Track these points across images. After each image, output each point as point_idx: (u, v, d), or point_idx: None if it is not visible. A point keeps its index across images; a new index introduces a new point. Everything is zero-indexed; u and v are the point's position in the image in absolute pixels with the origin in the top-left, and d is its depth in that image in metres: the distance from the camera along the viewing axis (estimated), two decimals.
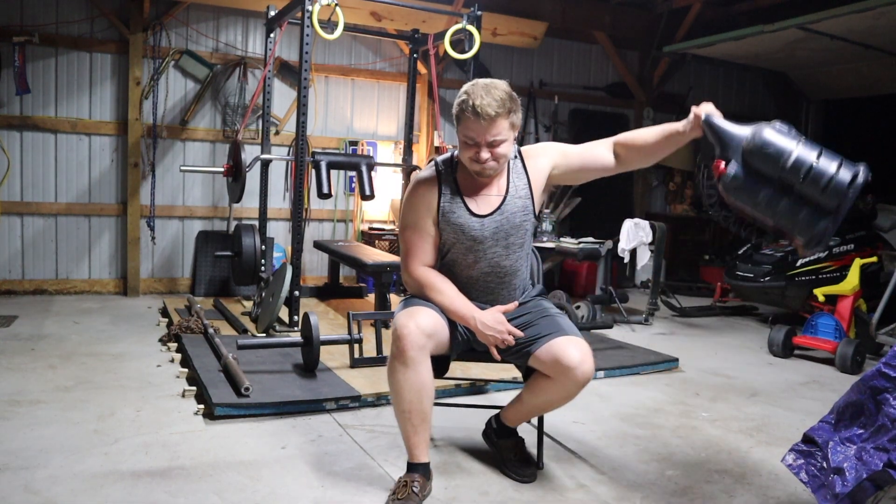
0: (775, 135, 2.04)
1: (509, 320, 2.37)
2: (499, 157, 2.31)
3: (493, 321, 2.32)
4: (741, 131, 2.10)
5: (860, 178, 1.98)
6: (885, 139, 8.02)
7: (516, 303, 2.45)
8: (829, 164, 2.00)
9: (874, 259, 5.28)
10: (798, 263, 5.42)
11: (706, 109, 2.21)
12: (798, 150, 2.01)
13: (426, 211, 2.41)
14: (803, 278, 5.38)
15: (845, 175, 1.98)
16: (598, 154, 2.46)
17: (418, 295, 2.43)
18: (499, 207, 2.40)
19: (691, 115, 2.23)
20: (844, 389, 2.16)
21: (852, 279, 4.63)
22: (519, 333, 2.33)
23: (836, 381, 4.14)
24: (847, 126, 8.59)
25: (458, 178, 2.43)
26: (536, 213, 2.48)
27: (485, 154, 2.28)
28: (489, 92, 2.24)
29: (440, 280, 2.41)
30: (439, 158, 2.49)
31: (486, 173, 2.34)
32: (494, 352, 2.35)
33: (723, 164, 2.09)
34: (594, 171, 2.49)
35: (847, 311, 4.60)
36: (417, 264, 2.43)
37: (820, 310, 4.76)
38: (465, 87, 2.30)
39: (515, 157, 2.47)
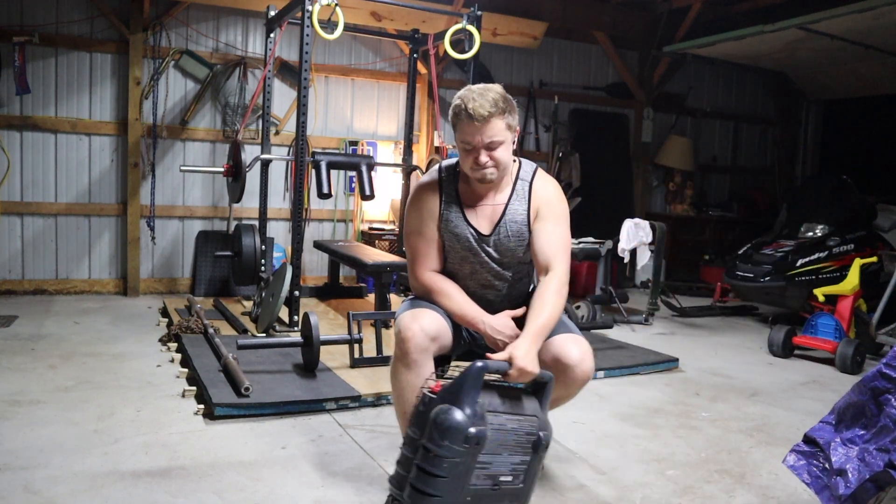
0: (450, 429, 1.86)
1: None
2: (498, 161, 2.28)
3: (502, 325, 2.31)
4: (451, 396, 1.93)
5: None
6: (885, 139, 8.03)
7: (525, 308, 2.44)
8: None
9: (874, 259, 5.28)
10: (798, 263, 5.42)
11: (513, 357, 2.07)
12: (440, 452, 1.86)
13: (429, 216, 2.41)
14: (803, 278, 5.38)
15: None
16: (537, 251, 2.36)
17: (426, 299, 2.42)
18: (495, 229, 2.38)
19: (505, 351, 2.11)
20: (844, 389, 2.16)
21: (852, 279, 4.63)
22: None
23: (836, 381, 4.14)
24: (847, 126, 8.59)
25: (459, 188, 2.42)
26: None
27: (483, 157, 2.26)
28: (482, 94, 2.24)
29: (449, 285, 2.40)
30: (444, 164, 2.47)
31: (487, 179, 2.31)
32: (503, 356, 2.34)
33: (439, 385, 1.99)
34: (529, 250, 2.41)
35: (847, 311, 4.60)
36: (425, 269, 2.42)
37: (820, 310, 4.76)
38: (460, 92, 2.30)
39: (525, 179, 2.40)
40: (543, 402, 2.11)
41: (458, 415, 1.87)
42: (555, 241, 2.35)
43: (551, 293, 2.27)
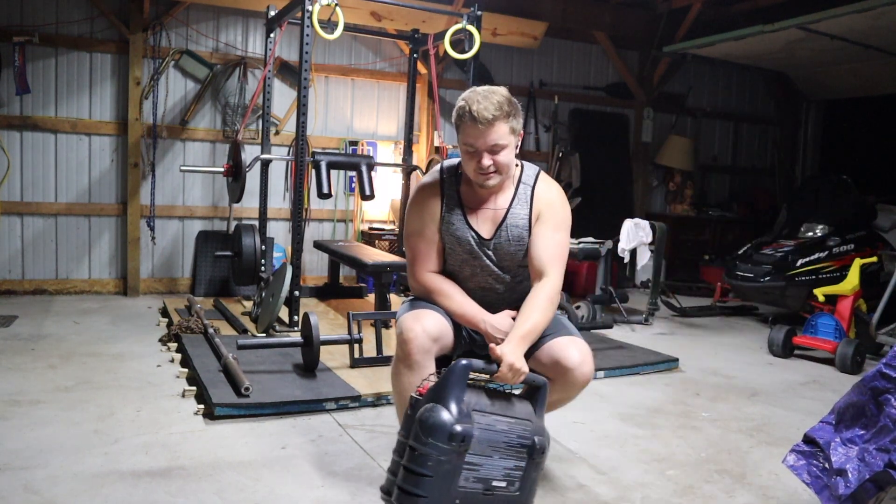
0: (434, 427, 1.85)
1: None
2: (501, 166, 2.26)
3: (502, 324, 2.31)
4: (436, 395, 1.93)
5: None
6: (885, 139, 8.03)
7: None
8: (415, 485, 1.85)
9: (874, 259, 5.28)
10: (798, 263, 5.43)
11: (501, 354, 2.08)
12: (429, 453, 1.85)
13: (430, 218, 2.40)
14: (803, 278, 5.38)
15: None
16: (533, 256, 2.34)
17: (425, 300, 2.42)
18: (496, 233, 2.37)
19: (494, 349, 2.11)
20: (844, 389, 2.16)
21: (852, 279, 4.63)
22: None
23: (836, 381, 4.14)
24: (847, 126, 8.59)
25: (461, 190, 2.40)
26: None
27: (486, 161, 2.24)
28: (487, 97, 2.21)
29: (448, 285, 2.40)
30: (445, 164, 2.46)
31: (490, 183, 2.29)
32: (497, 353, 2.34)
33: (426, 388, 1.98)
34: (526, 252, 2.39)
35: (847, 311, 4.60)
36: (424, 270, 2.42)
37: (820, 310, 4.76)
38: (464, 94, 2.27)
39: (527, 183, 2.39)
40: (538, 408, 2.09)
41: (443, 412, 1.87)
42: (552, 246, 2.34)
43: (542, 299, 2.27)
